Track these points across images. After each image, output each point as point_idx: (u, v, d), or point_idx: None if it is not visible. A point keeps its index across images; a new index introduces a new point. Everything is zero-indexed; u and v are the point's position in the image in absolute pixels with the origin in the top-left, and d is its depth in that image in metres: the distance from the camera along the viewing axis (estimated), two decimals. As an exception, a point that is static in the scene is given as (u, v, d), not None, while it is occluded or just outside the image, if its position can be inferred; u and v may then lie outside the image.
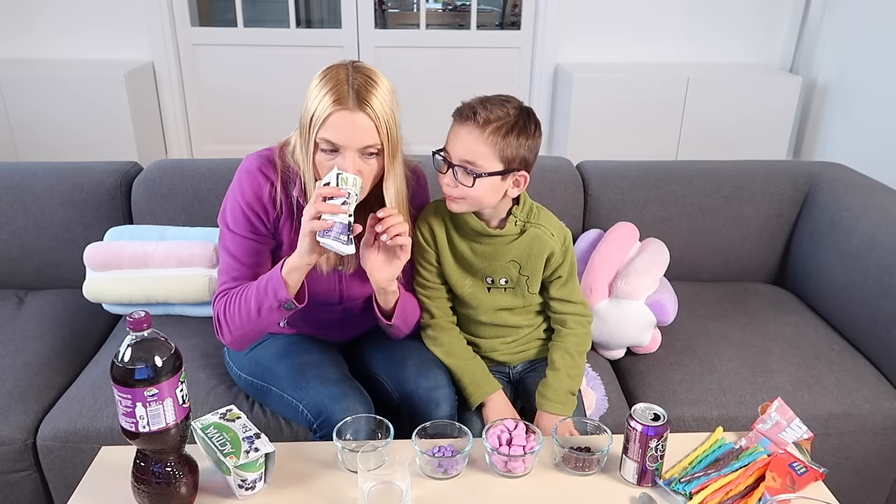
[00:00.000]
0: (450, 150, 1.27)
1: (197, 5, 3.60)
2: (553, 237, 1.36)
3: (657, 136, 3.41)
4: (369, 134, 1.18)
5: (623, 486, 1.13)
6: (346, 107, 1.16)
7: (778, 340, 1.73)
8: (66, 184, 1.85)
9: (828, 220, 1.87)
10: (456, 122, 1.27)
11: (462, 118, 1.25)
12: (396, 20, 3.94)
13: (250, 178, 1.28)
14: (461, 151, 1.25)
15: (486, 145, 1.23)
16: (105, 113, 3.21)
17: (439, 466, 1.13)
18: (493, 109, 1.23)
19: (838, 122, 3.28)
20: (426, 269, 1.42)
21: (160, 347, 0.98)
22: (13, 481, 1.48)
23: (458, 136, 1.26)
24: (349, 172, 1.17)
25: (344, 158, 1.18)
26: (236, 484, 1.06)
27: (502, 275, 1.39)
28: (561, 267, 1.39)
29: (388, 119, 1.19)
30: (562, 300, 1.43)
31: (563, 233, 1.40)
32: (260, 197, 1.28)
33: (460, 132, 1.25)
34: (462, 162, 1.25)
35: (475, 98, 1.28)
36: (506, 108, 1.24)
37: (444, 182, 1.29)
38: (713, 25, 3.54)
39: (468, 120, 1.24)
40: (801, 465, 1.12)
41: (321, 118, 1.17)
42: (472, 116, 1.23)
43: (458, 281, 1.41)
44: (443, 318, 1.43)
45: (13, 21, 3.36)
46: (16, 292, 1.88)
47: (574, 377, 1.39)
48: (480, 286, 1.41)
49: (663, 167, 2.00)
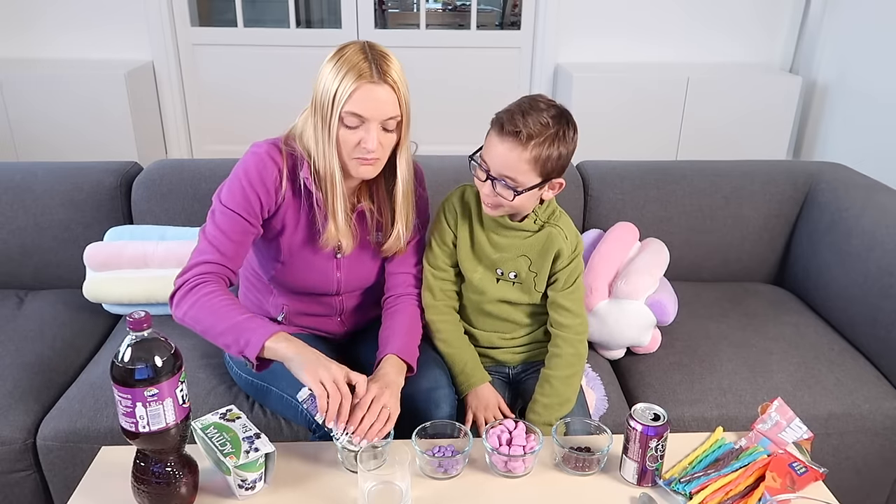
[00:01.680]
0: (489, 161, 1.27)
1: (197, 5, 3.60)
2: (566, 240, 1.37)
3: (657, 136, 3.41)
4: (392, 106, 1.21)
5: (623, 486, 1.13)
6: (370, 80, 1.18)
7: (778, 340, 1.73)
8: (66, 184, 1.85)
9: (828, 220, 1.87)
10: (496, 134, 1.26)
11: (503, 132, 1.24)
12: (396, 20, 3.94)
13: (257, 159, 1.28)
14: (502, 167, 1.25)
15: (528, 163, 1.24)
16: (105, 113, 3.21)
17: (439, 466, 1.13)
18: (534, 122, 1.22)
19: (838, 122, 3.27)
20: (441, 249, 1.42)
21: (160, 347, 0.98)
22: (13, 481, 1.48)
23: (498, 150, 1.25)
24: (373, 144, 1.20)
25: (367, 132, 1.21)
26: (236, 484, 1.06)
27: (512, 268, 1.39)
28: (564, 270, 1.39)
29: (406, 91, 1.24)
30: (559, 306, 1.40)
31: (577, 240, 1.40)
32: (264, 179, 1.27)
33: (501, 147, 1.24)
34: (502, 176, 1.25)
35: (515, 106, 1.25)
36: (545, 118, 1.23)
37: (483, 191, 1.31)
38: (713, 25, 3.54)
39: (510, 135, 1.23)
40: (801, 465, 1.12)
41: (346, 94, 1.18)
42: (515, 133, 1.22)
43: (470, 266, 1.41)
44: (443, 302, 1.43)
45: (13, 21, 3.36)
46: (16, 292, 1.88)
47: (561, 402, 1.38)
48: (490, 276, 1.41)
49: (663, 167, 2.00)
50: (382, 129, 1.23)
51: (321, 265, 1.38)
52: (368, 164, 1.25)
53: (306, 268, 1.37)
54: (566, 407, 1.37)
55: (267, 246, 1.37)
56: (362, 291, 1.46)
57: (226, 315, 1.21)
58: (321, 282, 1.40)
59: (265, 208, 1.29)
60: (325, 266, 1.38)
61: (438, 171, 1.77)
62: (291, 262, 1.37)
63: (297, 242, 1.35)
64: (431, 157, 1.74)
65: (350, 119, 1.21)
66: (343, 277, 1.40)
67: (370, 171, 1.27)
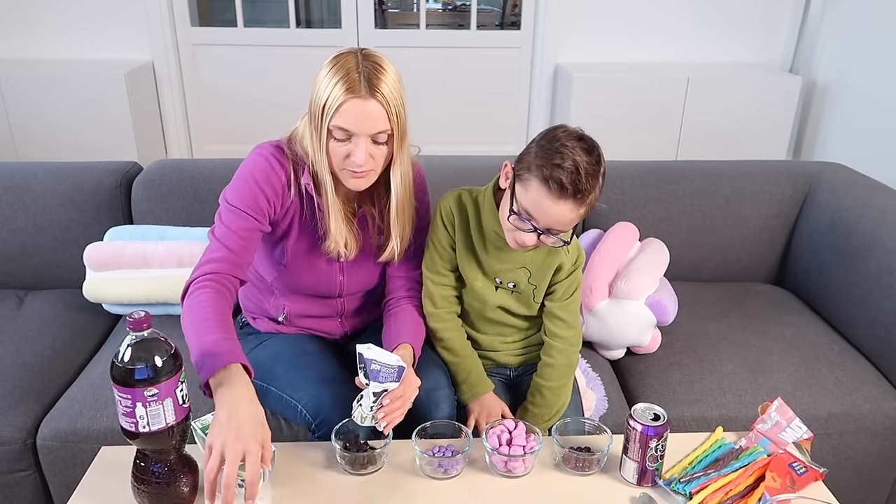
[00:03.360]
0: (538, 218, 1.21)
1: (197, 5, 3.60)
2: (568, 253, 1.36)
3: (657, 136, 3.41)
4: (381, 120, 1.20)
5: (623, 486, 1.13)
6: (357, 95, 1.17)
7: (778, 340, 1.73)
8: (66, 184, 1.85)
9: (828, 220, 1.87)
10: (547, 193, 1.18)
11: (561, 193, 1.17)
12: (396, 20, 3.94)
13: (263, 160, 1.28)
14: (556, 224, 1.21)
15: (583, 214, 1.22)
16: (105, 113, 3.21)
17: (439, 466, 1.13)
18: (585, 176, 1.16)
19: (838, 122, 3.27)
20: (438, 254, 1.40)
21: (160, 347, 0.98)
22: (13, 481, 1.48)
23: (553, 210, 1.19)
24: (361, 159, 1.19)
25: (356, 145, 1.20)
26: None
27: (511, 278, 1.39)
28: (563, 282, 1.39)
29: (398, 105, 1.21)
30: (555, 317, 1.40)
31: (578, 252, 1.39)
32: (271, 180, 1.27)
33: (557, 209, 1.19)
34: (553, 231, 1.23)
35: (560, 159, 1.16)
36: (590, 164, 1.17)
37: (526, 242, 1.25)
38: (713, 25, 3.54)
39: (569, 198, 1.17)
40: (801, 465, 1.12)
41: (333, 107, 1.18)
42: (575, 196, 1.17)
43: (472, 273, 1.40)
44: (444, 309, 1.42)
45: (13, 21, 3.36)
46: (16, 292, 1.88)
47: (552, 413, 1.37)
48: (490, 284, 1.41)
49: (663, 167, 2.00)
50: (373, 141, 1.21)
51: (324, 269, 1.38)
52: (359, 177, 1.24)
53: (309, 271, 1.37)
54: (556, 417, 1.37)
55: (270, 249, 1.37)
56: (364, 294, 1.46)
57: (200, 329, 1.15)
58: (324, 285, 1.40)
59: (272, 207, 1.29)
60: (327, 270, 1.38)
61: (439, 171, 1.77)
62: (295, 265, 1.37)
63: (300, 247, 1.35)
64: (432, 158, 1.74)
65: (338, 132, 1.20)
66: (346, 280, 1.41)
67: (360, 184, 1.25)
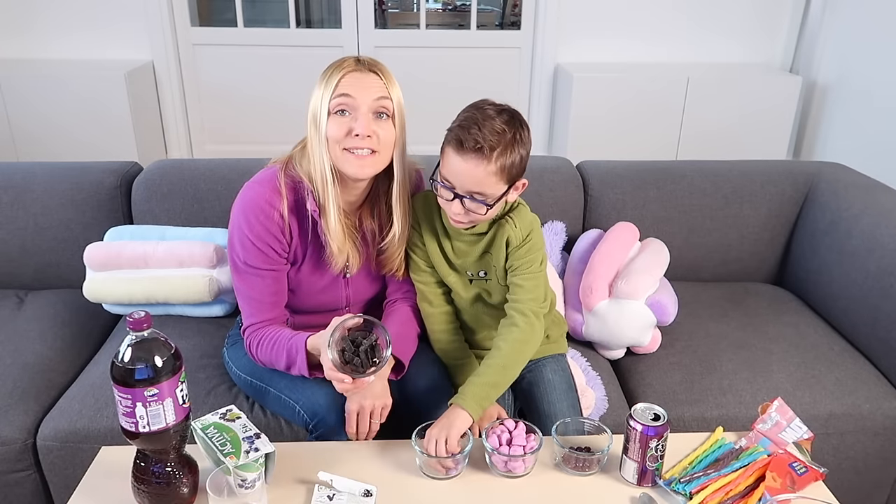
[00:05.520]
0: (452, 180, 1.23)
1: (197, 5, 3.60)
2: (516, 228, 1.33)
3: (657, 136, 3.41)
4: (380, 88, 1.22)
5: (623, 486, 1.13)
6: (355, 68, 1.22)
7: (778, 340, 1.73)
8: (66, 184, 1.85)
9: (828, 220, 1.87)
10: (454, 152, 1.21)
11: (462, 148, 1.20)
12: (396, 20, 3.94)
13: (256, 210, 1.26)
14: (468, 184, 1.22)
15: (494, 174, 1.21)
16: (105, 113, 3.21)
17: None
18: (490, 132, 1.19)
19: (838, 122, 3.28)
20: (415, 254, 1.41)
21: (160, 347, 0.98)
22: (13, 481, 1.48)
23: (461, 168, 1.21)
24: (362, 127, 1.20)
25: (356, 118, 1.20)
26: (236, 484, 1.06)
27: (479, 268, 1.39)
28: (516, 255, 1.34)
29: (397, 89, 1.25)
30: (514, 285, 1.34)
31: (530, 227, 1.35)
32: (270, 229, 1.27)
33: (464, 165, 1.21)
34: (470, 193, 1.23)
35: (465, 119, 1.22)
36: (499, 125, 1.20)
37: (452, 210, 1.26)
38: (713, 25, 3.54)
39: (471, 151, 1.20)
40: (801, 465, 1.12)
41: (333, 84, 1.20)
42: (476, 149, 1.19)
43: (444, 271, 1.40)
44: (439, 309, 1.43)
45: (13, 21, 3.36)
46: (16, 292, 1.88)
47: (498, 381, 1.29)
48: (463, 279, 1.41)
49: (663, 167, 2.00)
50: (375, 115, 1.22)
51: (330, 286, 1.39)
52: (361, 157, 1.22)
53: (316, 292, 1.39)
54: (494, 392, 1.28)
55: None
56: (368, 301, 1.47)
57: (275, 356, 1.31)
58: (330, 300, 1.41)
59: (282, 249, 1.31)
60: (333, 285, 1.39)
61: (438, 171, 1.77)
62: (300, 289, 1.38)
63: (305, 271, 1.36)
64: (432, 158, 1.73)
65: (339, 102, 1.20)
66: (352, 293, 1.42)
67: (363, 169, 1.23)
